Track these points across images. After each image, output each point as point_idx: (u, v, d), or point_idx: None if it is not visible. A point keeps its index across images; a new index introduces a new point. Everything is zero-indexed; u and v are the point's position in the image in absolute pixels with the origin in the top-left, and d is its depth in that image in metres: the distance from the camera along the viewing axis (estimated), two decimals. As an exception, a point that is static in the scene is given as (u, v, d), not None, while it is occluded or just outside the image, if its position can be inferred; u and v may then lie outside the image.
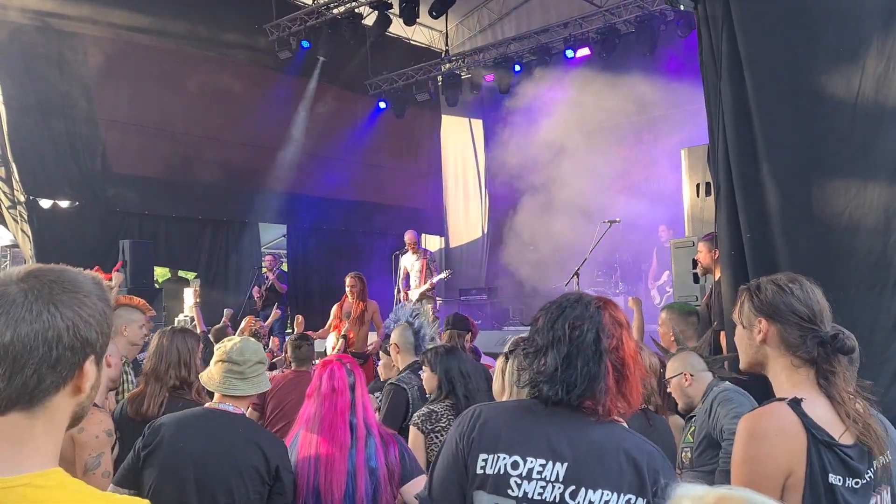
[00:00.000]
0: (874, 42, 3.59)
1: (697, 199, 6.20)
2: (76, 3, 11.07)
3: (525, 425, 1.75)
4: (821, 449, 1.76)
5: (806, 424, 1.78)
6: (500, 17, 16.29)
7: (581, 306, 1.78)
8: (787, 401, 1.83)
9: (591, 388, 1.71)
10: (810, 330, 1.91)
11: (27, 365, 1.06)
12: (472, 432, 1.77)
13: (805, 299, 1.94)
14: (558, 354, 1.73)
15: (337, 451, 2.74)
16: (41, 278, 1.10)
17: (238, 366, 2.76)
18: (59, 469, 1.10)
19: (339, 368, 2.90)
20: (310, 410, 2.85)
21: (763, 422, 1.82)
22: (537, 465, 1.68)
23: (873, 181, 3.58)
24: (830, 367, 1.89)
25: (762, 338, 1.95)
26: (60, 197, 11.12)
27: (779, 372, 1.94)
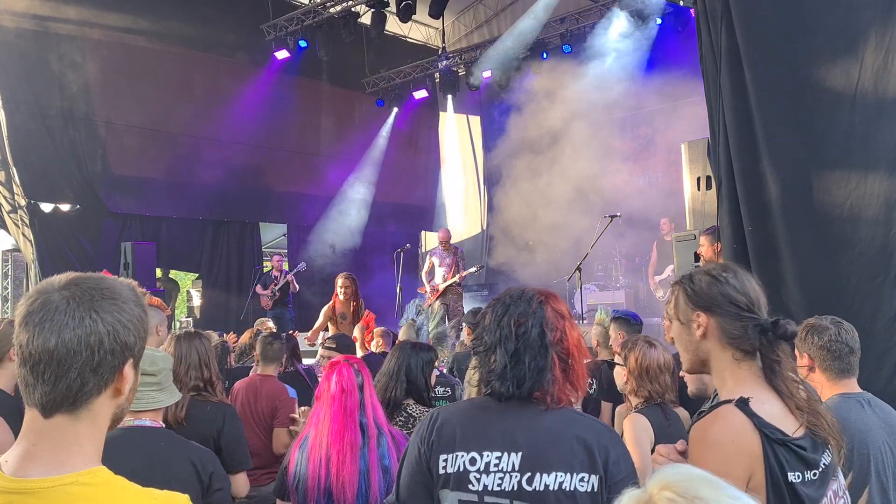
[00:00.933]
0: (873, 34, 3.61)
1: (698, 192, 6.22)
2: (75, 7, 11.08)
3: (480, 422, 1.84)
4: (776, 447, 1.69)
5: (757, 424, 1.70)
6: (496, 13, 16.30)
7: (524, 302, 1.86)
8: (733, 402, 1.73)
9: (539, 380, 1.80)
10: (750, 319, 1.81)
11: (71, 369, 1.11)
12: (430, 436, 1.86)
13: (741, 287, 1.84)
14: (506, 352, 1.81)
15: (348, 450, 2.75)
16: (82, 286, 1.16)
17: (153, 377, 2.56)
18: (102, 467, 1.16)
19: (346, 368, 2.92)
20: (319, 412, 2.86)
21: (714, 429, 1.73)
22: (493, 457, 1.76)
23: (874, 172, 3.61)
24: (775, 357, 1.80)
25: (702, 332, 1.84)
26: (61, 200, 11.14)
27: (722, 369, 1.84)
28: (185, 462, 2.51)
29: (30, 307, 1.14)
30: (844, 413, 2.53)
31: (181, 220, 12.62)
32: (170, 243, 12.24)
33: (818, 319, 2.71)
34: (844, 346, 2.62)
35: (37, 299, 1.14)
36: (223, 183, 12.86)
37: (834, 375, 2.63)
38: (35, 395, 1.13)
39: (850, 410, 2.54)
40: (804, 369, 2.65)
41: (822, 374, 2.64)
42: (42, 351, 1.10)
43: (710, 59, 4.17)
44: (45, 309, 1.12)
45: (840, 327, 2.65)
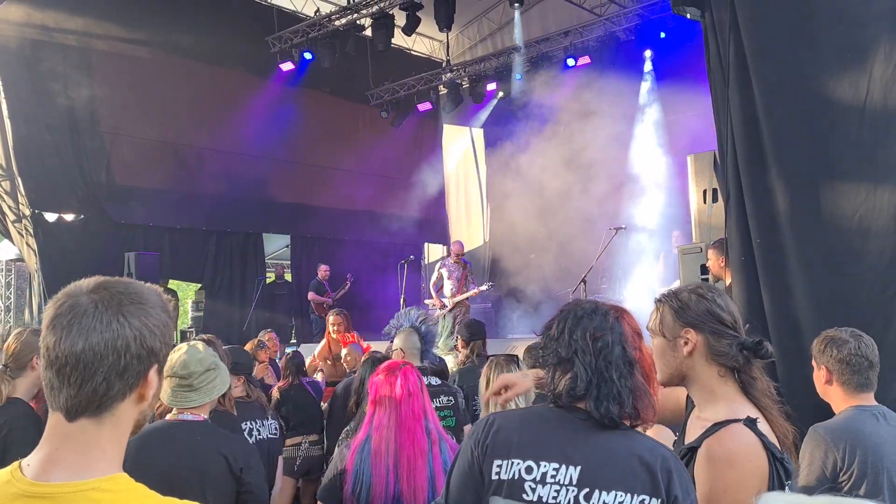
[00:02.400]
0: (881, 46, 3.61)
1: (704, 205, 6.22)
2: (81, 18, 11.15)
3: (538, 431, 1.78)
4: (777, 465, 1.77)
5: (766, 444, 1.78)
6: (500, 27, 16.37)
7: (599, 316, 1.79)
8: (742, 421, 1.81)
9: (637, 399, 1.74)
10: (734, 337, 1.89)
11: (97, 372, 1.11)
12: (486, 439, 1.79)
13: (726, 306, 1.93)
14: (586, 367, 1.74)
15: (419, 456, 2.68)
16: (110, 290, 1.16)
17: (184, 379, 2.77)
18: (124, 474, 1.15)
19: (411, 372, 2.85)
20: (381, 417, 2.76)
21: (731, 446, 1.80)
22: (551, 468, 1.70)
23: (883, 184, 3.60)
24: (753, 374, 1.89)
25: (690, 349, 1.90)
26: (65, 210, 11.16)
27: (705, 384, 1.91)
28: (217, 455, 2.62)
29: (58, 310, 1.13)
30: (859, 425, 2.51)
31: (184, 230, 12.63)
32: (173, 254, 12.25)
33: (837, 331, 2.68)
34: (864, 360, 2.60)
35: (65, 302, 1.14)
36: (227, 194, 12.89)
37: (852, 389, 2.60)
38: (60, 399, 1.12)
39: (865, 423, 2.52)
40: (822, 382, 2.64)
41: (839, 387, 2.62)
42: (69, 354, 1.10)
43: (718, 72, 4.17)
44: (74, 312, 1.12)
45: (860, 340, 2.63)
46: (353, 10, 12.71)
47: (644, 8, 12.73)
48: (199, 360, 2.80)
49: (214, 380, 2.85)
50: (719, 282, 5.20)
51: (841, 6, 3.80)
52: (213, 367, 2.87)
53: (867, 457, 2.44)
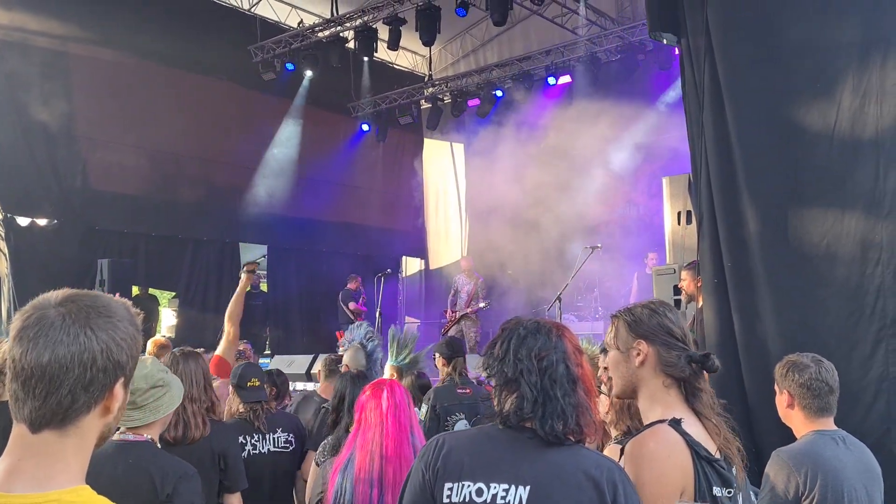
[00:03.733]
0: (850, 77, 3.70)
1: (679, 226, 6.30)
2: (58, 22, 11.07)
3: (487, 452, 1.80)
4: (703, 464, 1.84)
5: (688, 442, 1.85)
6: (483, 44, 16.49)
7: (543, 335, 1.83)
8: (667, 421, 1.90)
9: (580, 415, 1.78)
10: (683, 349, 1.99)
11: (63, 385, 1.11)
12: (436, 462, 1.81)
13: (676, 321, 2.04)
14: (531, 387, 1.78)
15: (405, 467, 2.60)
16: (78, 302, 1.16)
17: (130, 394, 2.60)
18: (86, 486, 1.15)
19: (398, 387, 2.83)
20: (367, 433, 2.72)
21: (651, 444, 1.88)
22: (501, 489, 1.72)
23: (850, 212, 3.67)
24: (699, 386, 2.00)
25: (641, 359, 2.00)
26: (39, 215, 11.02)
27: (651, 393, 2.00)
28: (145, 476, 2.48)
29: (25, 322, 1.13)
30: (819, 449, 2.55)
31: (160, 237, 12.53)
32: (148, 261, 12.12)
33: (799, 357, 2.74)
34: (825, 385, 2.65)
35: (32, 314, 1.14)
36: (203, 201, 12.83)
37: (812, 413, 2.65)
38: (24, 411, 1.12)
39: (825, 447, 2.57)
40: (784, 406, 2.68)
41: (800, 411, 2.67)
42: (35, 366, 1.10)
43: (693, 97, 4.24)
44: (41, 324, 1.12)
45: (821, 366, 2.69)
46: (337, 23, 12.76)
47: (624, 30, 12.91)
48: (143, 376, 2.61)
49: (162, 397, 2.65)
50: (691, 303, 5.26)
51: (812, 36, 3.89)
52: (159, 384, 2.67)
53: (828, 481, 2.48)
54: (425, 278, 17.18)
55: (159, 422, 2.67)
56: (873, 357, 3.55)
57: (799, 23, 3.94)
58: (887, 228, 3.56)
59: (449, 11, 11.69)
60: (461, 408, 4.73)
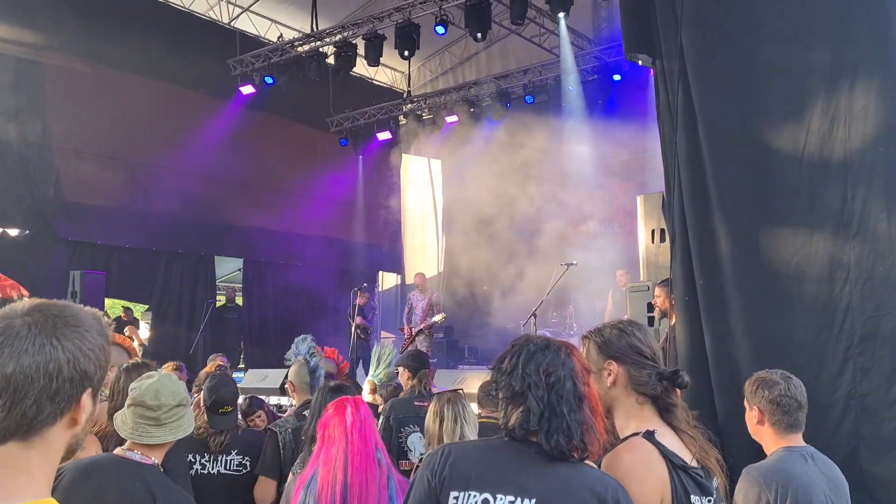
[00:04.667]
0: (819, 100, 3.78)
1: (652, 244, 6.36)
2: (34, 31, 10.97)
3: (493, 463, 1.81)
4: (679, 473, 1.89)
5: (663, 453, 1.90)
6: (462, 62, 16.63)
7: (552, 352, 1.85)
8: (641, 434, 1.94)
9: (585, 432, 1.79)
10: (653, 367, 2.04)
11: (27, 396, 1.09)
12: (443, 470, 1.81)
13: (645, 339, 2.09)
14: (538, 401, 1.79)
15: (371, 483, 2.63)
16: (45, 312, 1.14)
17: (152, 411, 2.43)
18: (51, 499, 1.12)
19: (361, 403, 2.82)
20: (331, 450, 2.70)
21: (627, 456, 1.92)
22: (506, 501, 1.74)
23: (819, 232, 3.74)
24: (671, 401, 2.05)
25: (612, 379, 2.05)
26: (10, 225, 10.87)
27: (626, 411, 2.05)
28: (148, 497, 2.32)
29: None
30: (788, 466, 2.59)
31: (134, 249, 12.40)
32: (121, 273, 12.00)
33: (768, 373, 2.78)
34: (794, 402, 2.70)
35: None
36: (179, 214, 12.72)
37: (782, 429, 2.69)
38: None
39: (794, 464, 2.60)
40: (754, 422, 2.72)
41: (770, 427, 2.70)
42: None
43: (667, 117, 4.31)
44: (6, 334, 1.10)
45: (790, 382, 2.73)
46: (317, 38, 12.79)
47: (601, 51, 13.09)
48: (172, 392, 2.49)
49: (182, 417, 2.53)
50: (665, 319, 5.31)
51: (783, 59, 3.97)
52: (184, 402, 2.55)
53: (798, 497, 2.51)
54: (401, 293, 17.15)
55: (167, 445, 2.51)
56: (841, 375, 3.61)
57: (770, 46, 4.03)
58: (855, 249, 3.63)
59: (428, 29, 11.78)
60: (416, 420, 4.61)
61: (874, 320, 3.57)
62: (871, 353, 3.57)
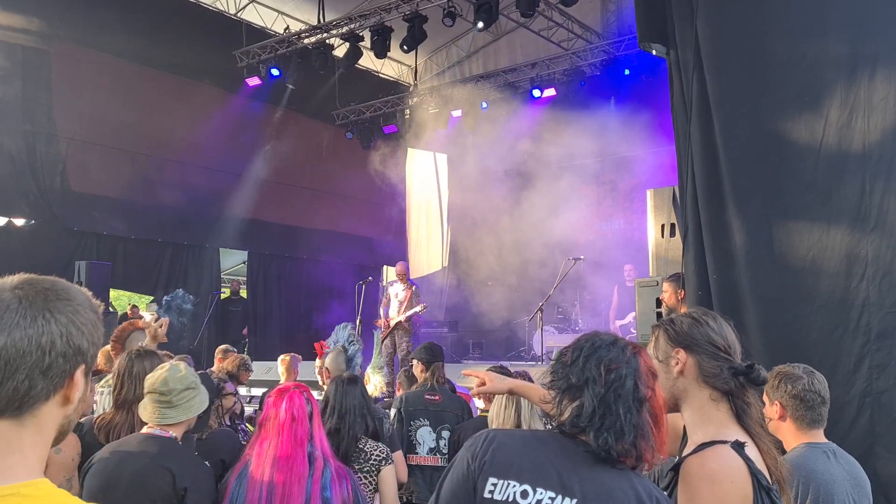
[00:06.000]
0: (837, 92, 3.72)
1: (662, 239, 6.30)
2: (41, 20, 10.95)
3: (538, 456, 1.73)
4: (763, 494, 1.76)
5: (752, 470, 1.77)
6: (469, 55, 16.54)
7: (617, 349, 1.75)
8: (730, 444, 1.81)
9: (639, 438, 1.69)
10: (726, 360, 1.91)
11: (19, 370, 1.04)
12: (484, 454, 1.74)
13: (720, 331, 1.96)
14: (594, 397, 1.70)
15: (295, 481, 2.66)
16: (36, 286, 1.10)
17: (164, 396, 2.80)
18: (45, 479, 1.08)
19: (298, 396, 2.82)
20: (264, 441, 2.75)
21: (713, 465, 1.79)
22: (546, 497, 1.66)
23: (835, 226, 3.69)
24: (746, 400, 1.91)
25: (680, 368, 1.93)
26: (16, 214, 10.86)
27: (698, 407, 1.93)
28: (164, 470, 2.62)
29: None
30: (811, 463, 2.52)
31: (139, 241, 12.39)
32: (126, 264, 11.99)
33: (791, 367, 2.71)
34: (817, 396, 2.62)
35: None
36: (185, 206, 12.70)
37: (804, 425, 2.62)
38: None
39: (817, 461, 2.54)
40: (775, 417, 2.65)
41: (792, 422, 2.63)
42: None
43: (681, 110, 4.25)
44: None
45: (812, 377, 2.65)
46: (323, 30, 12.72)
47: (610, 44, 13.01)
48: (179, 378, 2.84)
49: (193, 399, 2.86)
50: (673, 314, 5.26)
51: (799, 50, 3.91)
52: (192, 386, 2.88)
53: (819, 495, 2.45)
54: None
55: (185, 422, 2.86)
56: (857, 372, 3.56)
57: (787, 37, 3.97)
58: (872, 243, 3.57)
59: (436, 22, 11.70)
60: (426, 414, 4.61)
61: (892, 316, 3.52)
62: (889, 349, 3.52)
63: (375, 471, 3.43)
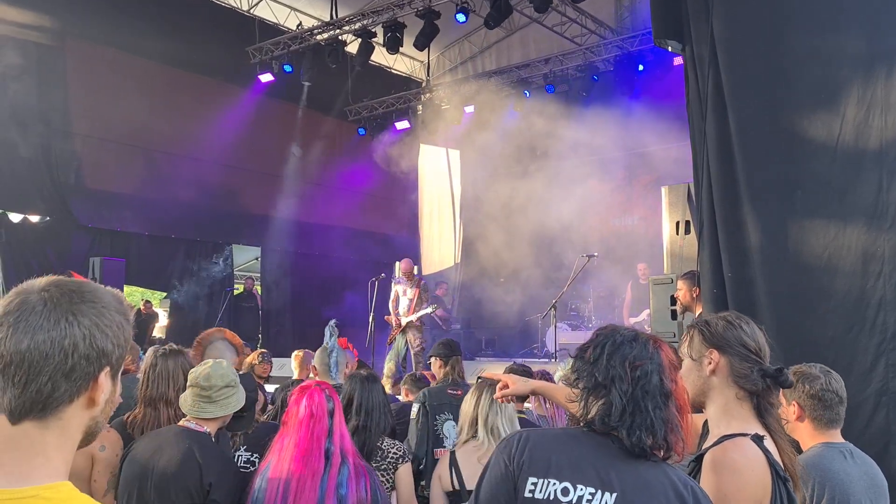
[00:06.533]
0: (855, 88, 3.68)
1: (677, 236, 6.26)
2: (56, 18, 11.02)
3: (573, 453, 1.76)
4: (780, 484, 1.85)
5: (770, 460, 1.86)
6: (481, 51, 16.51)
7: (640, 345, 1.78)
8: (749, 436, 1.90)
9: (669, 432, 1.73)
10: (756, 363, 2.02)
11: (42, 372, 1.06)
12: (521, 455, 1.76)
13: (752, 334, 2.07)
14: (622, 395, 1.73)
15: (309, 477, 2.67)
16: (62, 287, 1.11)
17: (205, 390, 2.92)
18: (67, 482, 1.09)
19: (318, 393, 2.84)
20: (284, 439, 2.78)
21: (733, 455, 1.88)
22: (587, 492, 1.68)
23: (852, 224, 3.65)
24: (771, 401, 2.02)
25: (712, 368, 2.03)
26: (31, 211, 10.96)
27: (723, 404, 2.03)
28: (193, 462, 2.72)
29: (6, 307, 1.08)
30: (828, 463, 2.51)
31: (153, 237, 12.46)
32: (140, 260, 12.07)
33: (808, 367, 2.70)
34: (835, 396, 2.62)
35: (14, 300, 1.09)
36: (199, 202, 12.76)
37: (822, 425, 2.61)
38: (4, 400, 1.07)
39: (834, 460, 2.53)
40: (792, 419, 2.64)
41: (809, 422, 2.62)
42: (14, 352, 1.05)
43: (697, 106, 4.22)
44: (22, 309, 1.07)
45: (829, 376, 2.65)
46: (336, 26, 12.73)
47: (623, 40, 12.94)
48: (220, 374, 2.98)
49: (231, 396, 2.98)
50: (687, 312, 5.23)
51: (816, 46, 3.87)
52: (232, 384, 3.01)
53: (835, 495, 2.44)
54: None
55: (220, 418, 2.98)
56: (873, 371, 3.53)
57: (803, 34, 3.93)
58: (889, 241, 3.53)
59: (448, 17, 11.69)
60: (450, 408, 4.65)
61: (909, 315, 3.49)
62: (906, 348, 3.49)
63: (392, 468, 3.45)
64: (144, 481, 2.71)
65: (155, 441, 2.85)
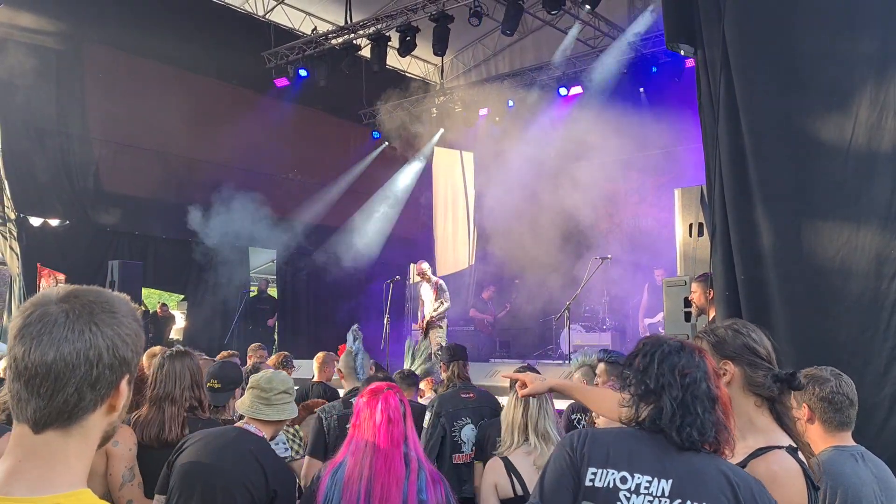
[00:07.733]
0: (867, 90, 3.67)
1: (690, 238, 6.26)
2: (74, 23, 11.16)
3: (630, 446, 1.88)
4: (814, 494, 1.90)
5: (805, 472, 1.90)
6: (495, 54, 16.53)
7: (687, 354, 1.90)
8: (785, 448, 1.94)
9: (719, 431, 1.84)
10: (768, 368, 2.05)
11: (69, 383, 1.08)
12: (582, 447, 1.89)
13: (761, 341, 2.09)
14: (672, 401, 1.84)
15: (394, 483, 2.62)
16: (81, 298, 1.13)
17: (264, 392, 3.02)
18: (87, 490, 1.11)
19: (392, 397, 2.78)
20: (360, 441, 2.71)
21: (776, 468, 1.92)
22: (644, 480, 1.80)
23: (865, 226, 3.64)
24: (786, 405, 2.06)
25: (728, 379, 2.05)
26: (51, 215, 11.09)
27: (744, 414, 2.04)
28: (259, 468, 2.80)
29: (26, 319, 1.10)
30: (839, 466, 2.51)
31: (170, 240, 12.56)
32: (157, 263, 12.18)
33: (818, 370, 2.70)
34: (845, 399, 2.61)
35: (34, 311, 1.11)
36: (214, 206, 12.84)
37: (833, 428, 2.60)
38: (28, 410, 1.09)
39: (845, 464, 2.52)
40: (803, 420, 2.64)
41: (819, 425, 2.62)
42: (39, 364, 1.07)
43: (709, 109, 4.22)
44: (44, 321, 1.09)
45: (840, 379, 2.64)
46: (350, 31, 12.80)
47: (637, 42, 12.91)
48: (281, 380, 3.11)
49: (287, 403, 3.08)
50: (702, 315, 5.23)
51: (828, 48, 3.86)
52: (289, 391, 3.11)
53: (847, 498, 2.44)
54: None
55: (274, 425, 3.07)
56: (887, 374, 3.52)
57: (815, 36, 3.92)
58: (903, 243, 3.52)
59: (461, 21, 11.72)
60: (467, 412, 4.71)
61: (923, 318, 3.47)
62: (920, 351, 3.47)
63: None
64: (211, 479, 2.76)
65: (217, 440, 2.89)
